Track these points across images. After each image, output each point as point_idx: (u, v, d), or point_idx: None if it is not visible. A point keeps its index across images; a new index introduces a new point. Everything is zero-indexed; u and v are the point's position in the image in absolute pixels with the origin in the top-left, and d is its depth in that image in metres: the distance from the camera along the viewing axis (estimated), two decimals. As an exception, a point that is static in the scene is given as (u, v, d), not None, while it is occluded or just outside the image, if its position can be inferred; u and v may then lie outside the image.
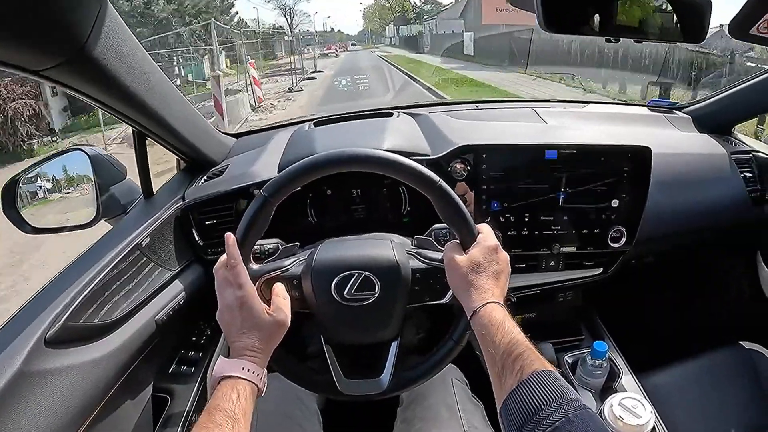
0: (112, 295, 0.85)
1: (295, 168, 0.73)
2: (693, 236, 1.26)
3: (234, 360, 0.67)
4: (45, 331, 0.72)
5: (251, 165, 1.10)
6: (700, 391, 1.12)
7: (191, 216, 1.05)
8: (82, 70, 0.70)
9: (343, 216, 1.09)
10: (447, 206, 0.73)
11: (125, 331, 0.86)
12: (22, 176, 1.05)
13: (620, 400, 0.91)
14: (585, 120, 1.33)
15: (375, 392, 0.80)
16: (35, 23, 0.57)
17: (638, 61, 6.19)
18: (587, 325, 1.27)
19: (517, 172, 1.04)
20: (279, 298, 0.75)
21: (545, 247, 1.07)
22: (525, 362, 0.58)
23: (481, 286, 0.70)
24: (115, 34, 0.71)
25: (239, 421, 0.60)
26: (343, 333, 0.81)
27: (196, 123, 1.08)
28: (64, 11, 0.60)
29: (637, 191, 1.07)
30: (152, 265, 0.95)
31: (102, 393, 0.80)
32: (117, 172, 1.07)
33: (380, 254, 0.78)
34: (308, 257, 0.80)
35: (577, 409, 0.52)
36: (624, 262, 1.13)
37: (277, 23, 49.03)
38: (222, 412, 0.59)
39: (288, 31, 46.34)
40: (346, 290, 0.76)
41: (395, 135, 1.10)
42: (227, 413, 0.60)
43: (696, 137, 1.34)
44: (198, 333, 1.12)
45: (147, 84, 0.83)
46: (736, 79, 1.36)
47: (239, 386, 0.64)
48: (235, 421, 0.59)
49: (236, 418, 0.60)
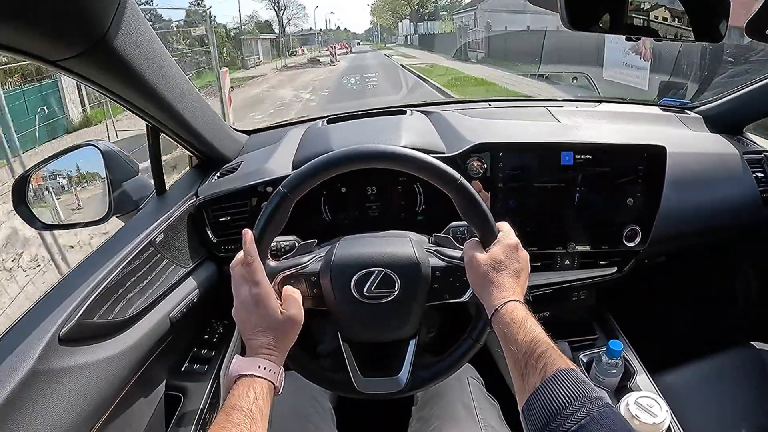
0: (126, 293, 0.84)
1: (316, 163, 0.73)
2: (705, 236, 1.26)
3: (250, 358, 0.66)
4: (59, 329, 0.71)
5: (265, 162, 1.09)
6: (713, 390, 1.12)
7: (204, 213, 1.04)
8: (101, 62, 0.69)
9: (357, 213, 1.08)
10: (468, 204, 0.73)
11: (139, 328, 0.85)
12: (33, 171, 1.05)
13: (636, 399, 0.91)
14: (598, 119, 1.33)
15: (393, 391, 0.80)
16: (56, 12, 0.57)
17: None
18: (600, 324, 1.26)
19: (532, 171, 1.04)
20: (290, 295, 0.74)
21: (560, 246, 1.07)
22: (548, 360, 0.58)
23: (502, 284, 0.70)
24: (135, 25, 0.70)
25: (257, 420, 0.59)
26: (362, 331, 0.81)
27: (211, 119, 1.07)
28: (85, 1, 0.59)
29: (651, 190, 1.07)
30: (166, 262, 0.94)
31: (116, 391, 0.79)
32: (129, 168, 1.06)
33: (400, 251, 0.78)
34: (327, 254, 0.79)
35: (601, 407, 0.51)
36: (638, 261, 1.12)
37: (258, 17, 40.78)
38: (239, 411, 0.59)
39: (277, 28, 40.10)
40: (365, 288, 0.75)
41: (410, 132, 1.10)
42: (245, 412, 0.59)
43: (708, 137, 1.34)
44: (211, 331, 1.11)
45: (164, 78, 0.82)
46: (747, 79, 1.35)
47: (256, 385, 0.63)
48: (252, 420, 0.59)
49: (254, 417, 0.59)
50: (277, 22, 41.95)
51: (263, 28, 38.68)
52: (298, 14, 45.56)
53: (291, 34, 37.18)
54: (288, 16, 43.96)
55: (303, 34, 47.43)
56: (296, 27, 44.02)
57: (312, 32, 48.15)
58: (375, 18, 58.41)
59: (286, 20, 43.99)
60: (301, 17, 45.85)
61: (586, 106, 1.44)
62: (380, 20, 56.64)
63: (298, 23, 45.02)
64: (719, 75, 2.59)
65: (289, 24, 44.15)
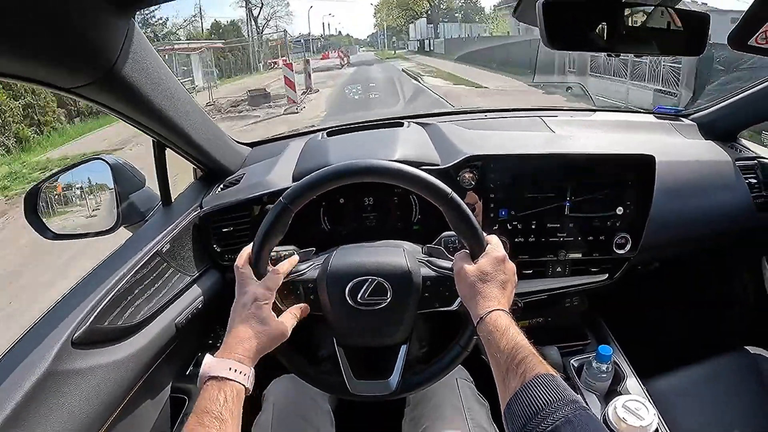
0: (134, 299, 0.88)
1: (314, 177, 0.77)
2: (698, 242, 1.28)
3: (220, 359, 0.69)
4: (72, 333, 0.75)
5: (266, 174, 1.13)
6: (705, 395, 1.13)
7: (209, 223, 1.09)
8: (112, 88, 0.74)
9: (355, 223, 1.12)
10: (458, 218, 0.77)
11: (147, 333, 0.90)
12: (44, 183, 1.09)
13: (624, 403, 0.93)
14: (592, 128, 1.35)
15: (384, 393, 0.84)
16: (69, 44, 0.61)
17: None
18: (593, 329, 1.28)
19: (524, 181, 1.07)
20: (289, 314, 0.79)
21: (552, 254, 1.10)
22: (528, 366, 0.61)
23: (488, 294, 0.73)
24: (141, 52, 0.75)
25: (227, 422, 0.63)
26: (355, 336, 0.85)
27: (214, 133, 1.11)
28: (95, 32, 0.64)
29: (641, 199, 1.09)
30: (172, 270, 0.99)
31: (124, 393, 0.83)
32: (136, 180, 1.11)
33: (393, 261, 0.82)
34: (323, 262, 0.83)
35: (576, 410, 0.55)
36: (629, 268, 1.15)
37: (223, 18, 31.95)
38: (209, 415, 0.62)
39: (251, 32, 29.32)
40: (359, 295, 0.79)
41: (406, 145, 1.13)
42: (214, 415, 0.62)
43: (701, 144, 1.36)
44: (215, 336, 1.16)
45: (170, 98, 0.87)
46: (740, 86, 1.37)
47: (226, 387, 0.66)
48: (222, 422, 0.62)
49: (224, 419, 0.63)
50: (253, 24, 31.70)
51: (227, 33, 29.29)
52: (279, 12, 33.82)
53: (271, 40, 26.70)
54: (266, 16, 33.06)
55: (298, 40, 37.77)
56: (275, 29, 32.33)
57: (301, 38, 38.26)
58: (381, 16, 45.04)
59: (263, 21, 32.88)
60: (284, 17, 34.46)
61: (581, 116, 1.47)
62: (388, 20, 43.85)
63: (281, 25, 33.59)
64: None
65: (267, 26, 32.85)
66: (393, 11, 42.88)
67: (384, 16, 44.75)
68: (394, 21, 43.25)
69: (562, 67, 8.92)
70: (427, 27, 36.03)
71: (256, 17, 32.08)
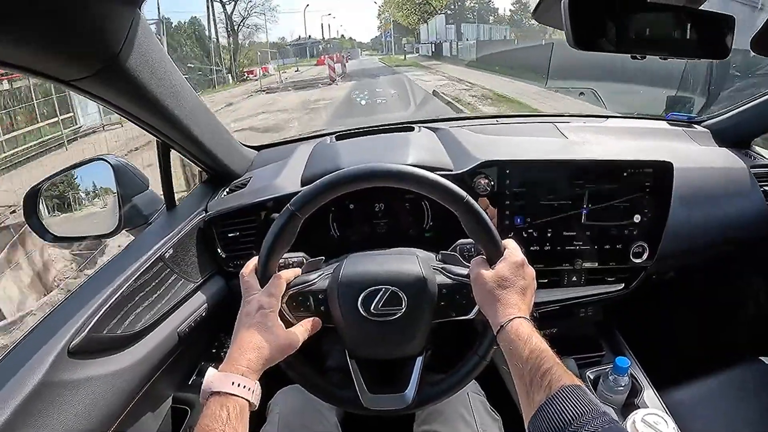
0: (135, 306, 0.85)
1: (324, 182, 0.74)
2: (713, 251, 1.26)
3: (224, 374, 0.65)
4: (69, 342, 0.72)
5: (274, 178, 1.10)
6: (721, 406, 1.11)
7: (214, 228, 1.05)
8: (114, 81, 0.70)
9: (365, 230, 1.09)
10: (474, 222, 0.74)
11: (148, 342, 0.86)
12: (44, 185, 1.07)
13: (643, 416, 0.91)
14: (605, 135, 1.33)
15: (399, 407, 0.80)
16: (70, 33, 0.58)
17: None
18: (608, 340, 1.26)
19: (539, 188, 1.04)
20: (301, 326, 0.76)
21: (567, 263, 1.07)
22: (553, 377, 0.58)
23: (507, 301, 0.70)
24: (146, 44, 0.71)
25: None
26: (369, 348, 0.81)
27: (220, 135, 1.08)
28: (98, 21, 0.61)
29: (658, 206, 1.07)
30: (175, 276, 0.95)
31: (123, 404, 0.80)
32: (139, 182, 1.08)
33: (407, 269, 0.78)
34: (334, 272, 0.80)
35: (606, 423, 0.52)
36: (645, 277, 1.12)
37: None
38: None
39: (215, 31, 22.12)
40: (372, 305, 0.76)
41: (418, 150, 1.10)
42: None
43: (715, 151, 1.34)
44: (219, 345, 1.12)
45: (175, 96, 0.83)
46: (754, 92, 1.35)
47: (229, 404, 0.62)
48: None
49: None
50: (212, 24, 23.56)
51: (179, 34, 21.37)
52: (257, 7, 26.66)
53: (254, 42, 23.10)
54: (243, 11, 26.21)
55: (298, 44, 35.28)
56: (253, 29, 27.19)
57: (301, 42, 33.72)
58: (390, 12, 35.86)
59: (238, 18, 25.77)
60: (262, 14, 27.52)
61: (594, 122, 1.44)
62: (398, 15, 34.81)
63: (260, 23, 28.26)
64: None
65: (243, 25, 26.14)
66: (404, 6, 34.14)
67: (393, 12, 35.94)
68: (405, 18, 34.53)
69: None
70: (446, 27, 28.48)
71: (230, 14, 25.00)
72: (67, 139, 10.21)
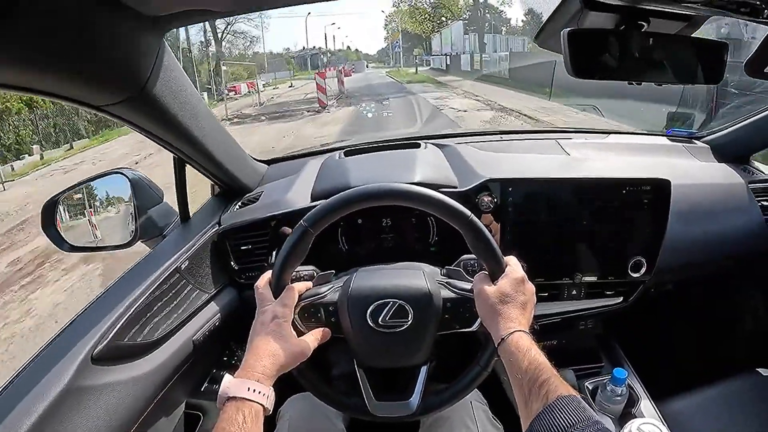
0: (154, 315, 0.89)
1: (335, 201, 0.78)
2: (712, 265, 1.28)
3: (240, 380, 0.68)
4: (92, 349, 0.76)
5: (285, 193, 1.14)
6: (718, 417, 1.13)
7: (227, 241, 1.09)
8: (142, 107, 0.75)
9: (373, 244, 1.12)
10: (477, 240, 0.77)
11: (165, 350, 0.90)
12: (62, 196, 1.11)
13: (639, 426, 0.92)
14: (606, 151, 1.36)
15: (404, 414, 0.84)
16: (104, 62, 0.63)
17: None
18: (607, 352, 1.28)
19: (541, 204, 1.07)
20: (311, 335, 0.80)
21: (567, 277, 1.10)
22: (550, 387, 0.61)
23: (508, 315, 0.74)
24: (171, 72, 0.76)
25: None
26: (376, 357, 0.85)
27: (233, 151, 1.12)
28: (129, 53, 0.66)
29: (656, 222, 1.10)
30: (190, 287, 0.99)
31: (141, 409, 0.83)
32: (155, 195, 1.12)
33: (414, 284, 0.82)
34: (344, 285, 0.84)
35: (600, 431, 0.55)
36: (644, 290, 1.15)
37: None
38: None
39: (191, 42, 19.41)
40: (380, 317, 0.80)
41: (424, 167, 1.14)
42: None
43: (714, 167, 1.37)
44: (230, 353, 1.16)
45: (194, 117, 0.88)
46: (753, 109, 1.38)
47: (245, 408, 0.65)
48: None
49: None
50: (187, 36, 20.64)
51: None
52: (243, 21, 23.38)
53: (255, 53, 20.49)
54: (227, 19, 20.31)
55: (298, 54, 32.60)
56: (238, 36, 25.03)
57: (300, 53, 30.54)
58: (402, 19, 30.39)
59: (222, 24, 22.57)
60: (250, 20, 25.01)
61: (595, 138, 1.47)
62: (409, 23, 29.19)
63: (254, 32, 25.64)
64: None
65: (228, 32, 23.84)
66: (417, 11, 28.61)
67: (405, 19, 30.18)
68: (418, 26, 28.66)
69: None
70: (463, 36, 23.78)
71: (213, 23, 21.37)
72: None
